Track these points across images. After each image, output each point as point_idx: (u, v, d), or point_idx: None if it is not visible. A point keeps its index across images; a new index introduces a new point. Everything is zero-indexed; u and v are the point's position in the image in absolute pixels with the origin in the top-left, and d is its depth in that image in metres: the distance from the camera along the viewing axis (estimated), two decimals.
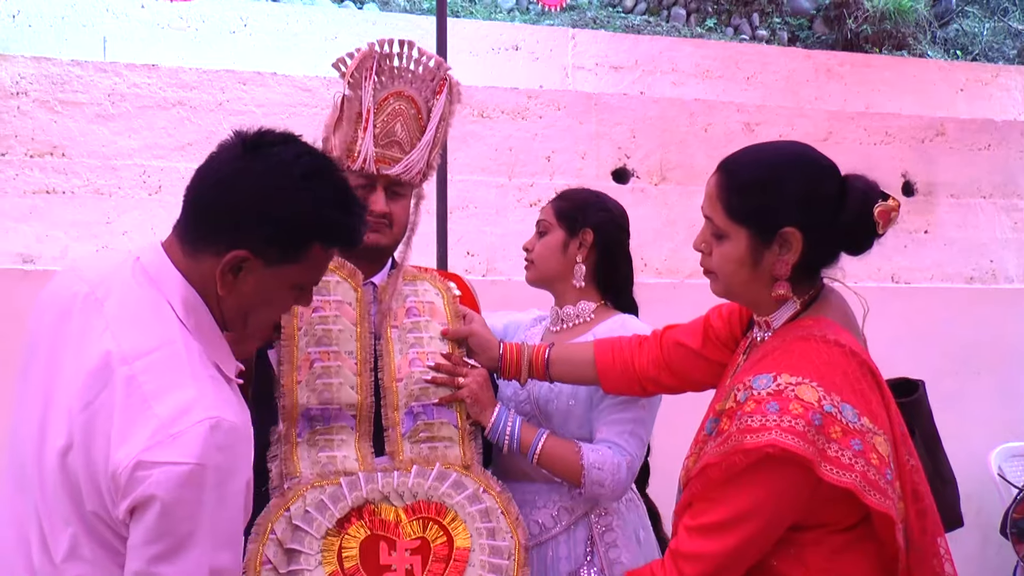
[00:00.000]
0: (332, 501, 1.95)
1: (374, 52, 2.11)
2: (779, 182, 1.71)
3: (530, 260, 2.45)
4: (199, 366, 1.48)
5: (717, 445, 1.67)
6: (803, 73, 6.38)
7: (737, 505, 1.65)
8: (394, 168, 2.12)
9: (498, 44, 6.04)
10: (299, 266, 1.56)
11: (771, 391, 1.63)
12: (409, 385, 2.10)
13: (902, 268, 5.21)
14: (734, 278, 1.76)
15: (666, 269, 4.80)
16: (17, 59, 4.28)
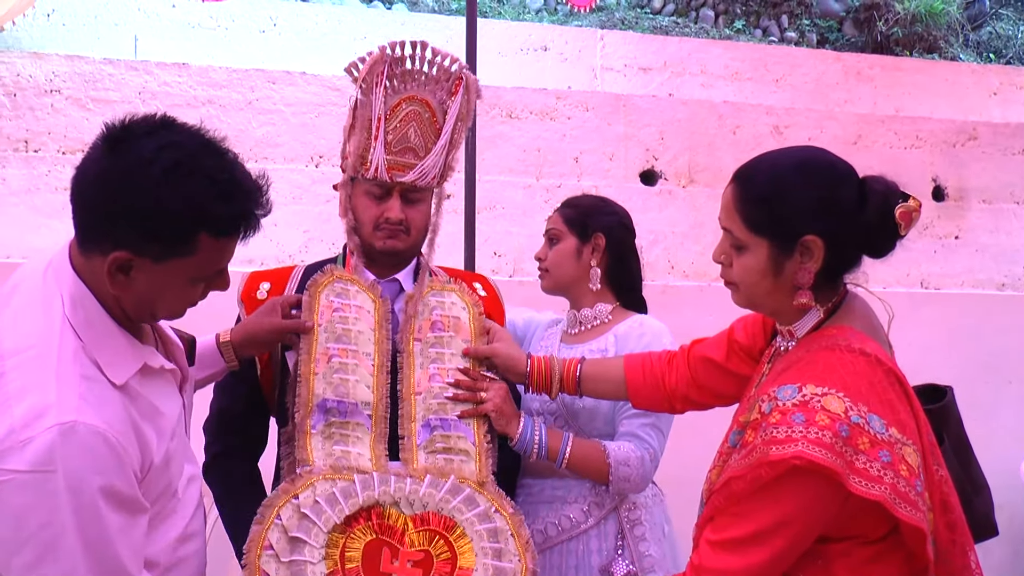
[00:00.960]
0: (343, 496, 1.90)
1: (385, 56, 2.05)
2: (796, 190, 1.68)
3: (544, 269, 2.49)
4: (70, 365, 1.44)
5: (742, 458, 1.64)
6: (832, 76, 6.34)
7: (763, 519, 1.61)
8: (408, 175, 2.09)
9: (526, 45, 6.04)
10: (192, 259, 1.52)
11: (796, 402, 1.60)
12: (428, 399, 2.08)
13: (932, 274, 5.16)
14: (756, 289, 1.73)
15: (694, 272, 4.78)
16: (51, 57, 4.32)
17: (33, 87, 4.23)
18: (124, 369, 1.53)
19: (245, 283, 2.22)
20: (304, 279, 2.20)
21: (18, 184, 4.15)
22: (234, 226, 1.55)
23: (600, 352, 2.35)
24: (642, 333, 2.35)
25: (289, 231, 4.35)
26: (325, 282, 2.12)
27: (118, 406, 1.48)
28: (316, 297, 2.10)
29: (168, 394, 1.67)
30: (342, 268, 2.17)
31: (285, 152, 4.45)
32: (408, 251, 2.19)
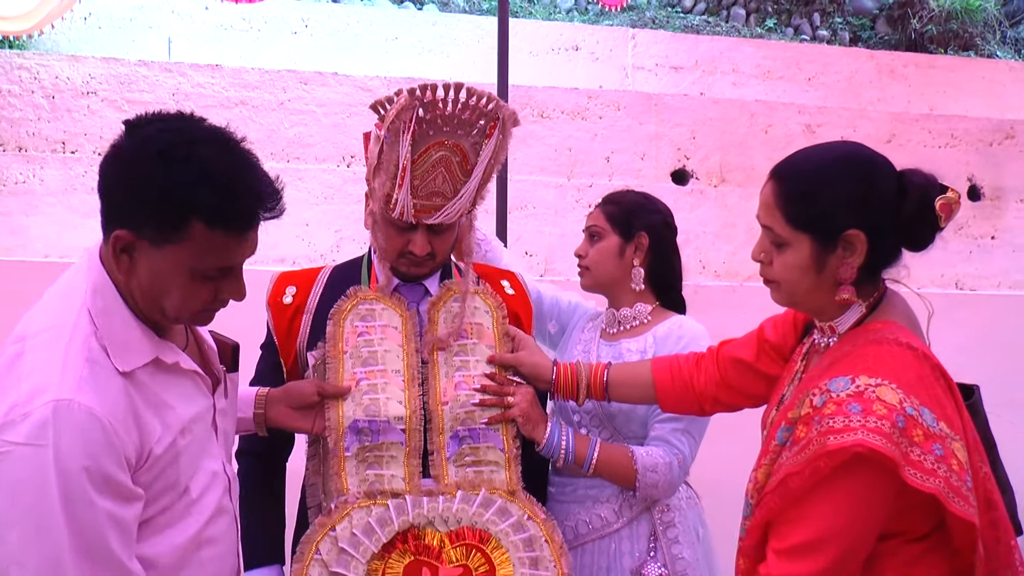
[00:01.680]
0: (379, 525, 1.92)
1: (415, 101, 1.92)
2: (837, 184, 1.67)
3: (584, 266, 2.44)
4: (78, 348, 1.50)
5: (795, 453, 1.61)
6: (865, 74, 6.28)
7: (824, 520, 1.58)
8: (435, 217, 2.02)
9: (558, 44, 6.03)
10: (186, 245, 1.52)
11: (851, 392, 1.58)
12: (455, 409, 2.06)
13: (967, 275, 5.09)
14: (798, 286, 1.72)
15: (725, 272, 4.75)
16: (88, 60, 4.37)
17: (70, 89, 4.28)
18: (132, 358, 1.56)
19: (273, 286, 2.21)
20: (331, 281, 2.19)
21: (55, 184, 4.20)
22: (228, 218, 1.54)
23: (639, 353, 2.33)
24: (681, 335, 2.32)
25: (321, 230, 4.37)
26: (348, 307, 2.11)
27: (119, 392, 1.51)
28: (340, 325, 2.09)
29: (187, 393, 1.68)
30: (366, 287, 2.15)
31: (317, 152, 4.47)
32: (432, 273, 2.18)
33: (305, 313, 2.15)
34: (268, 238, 5.01)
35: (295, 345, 2.15)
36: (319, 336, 2.11)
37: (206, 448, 1.75)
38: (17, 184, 4.20)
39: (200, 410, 1.72)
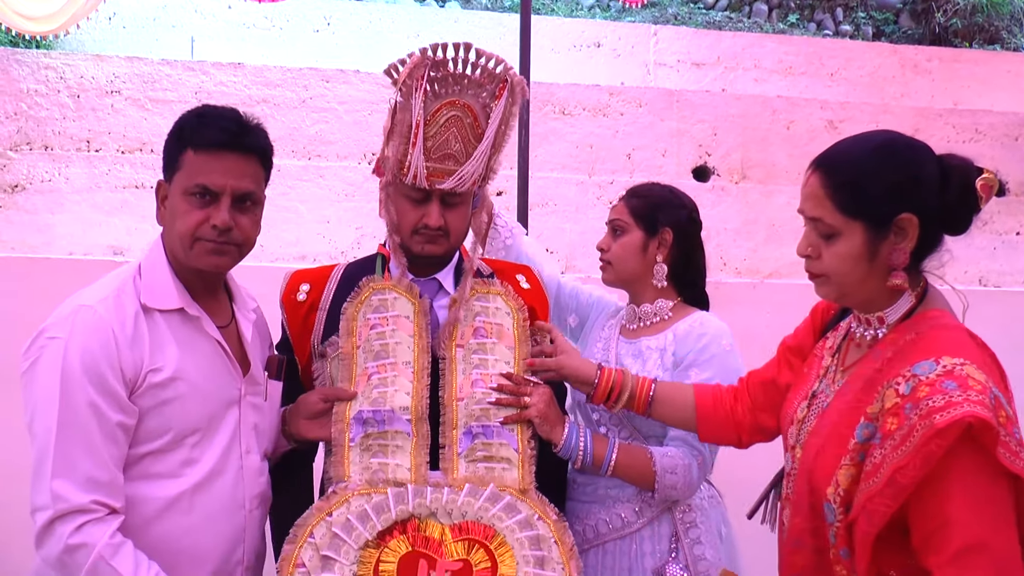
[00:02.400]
0: (376, 512, 1.89)
1: (426, 59, 1.97)
2: (885, 170, 1.67)
3: (607, 261, 2.40)
4: (117, 283, 1.89)
5: (895, 447, 1.57)
6: (888, 69, 6.23)
7: (964, 514, 1.54)
8: (447, 182, 2.02)
9: (579, 41, 6.02)
10: (182, 172, 1.88)
11: (940, 373, 1.56)
12: (470, 405, 2.05)
13: (991, 271, 5.04)
14: (850, 276, 1.70)
15: (746, 269, 4.73)
16: (112, 59, 4.41)
17: (95, 88, 4.31)
18: (158, 300, 1.89)
19: (287, 285, 2.21)
20: (344, 279, 2.19)
21: (80, 183, 4.23)
22: (200, 139, 1.87)
23: (658, 350, 2.30)
24: (702, 333, 2.28)
25: (342, 228, 4.38)
26: (361, 300, 2.10)
27: (133, 316, 1.85)
28: (353, 320, 2.09)
29: (205, 356, 1.93)
30: (380, 277, 2.14)
31: (338, 149, 4.48)
32: (446, 255, 2.15)
33: (319, 310, 2.15)
34: (289, 235, 5.06)
35: (309, 342, 2.15)
36: (333, 332, 2.11)
37: (221, 423, 1.93)
38: (43, 183, 4.23)
39: (218, 382, 1.93)
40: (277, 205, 4.32)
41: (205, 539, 1.89)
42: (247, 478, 1.96)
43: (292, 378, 2.17)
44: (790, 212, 4.88)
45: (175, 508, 1.86)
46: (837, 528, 1.66)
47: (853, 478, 1.63)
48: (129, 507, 1.82)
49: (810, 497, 1.73)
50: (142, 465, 1.84)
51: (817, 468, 1.71)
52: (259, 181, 1.96)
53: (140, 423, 1.83)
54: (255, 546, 2.01)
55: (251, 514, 1.97)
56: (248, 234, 1.94)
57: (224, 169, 1.88)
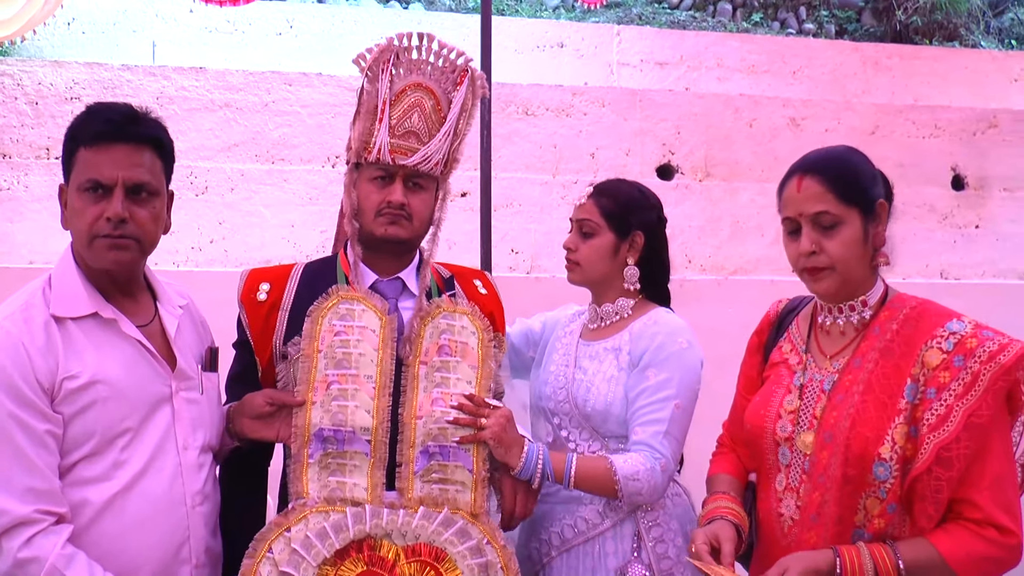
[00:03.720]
0: (334, 531, 1.94)
1: (392, 46, 2.11)
2: (863, 163, 1.97)
3: (574, 262, 2.36)
4: (25, 297, 1.90)
5: (961, 394, 1.80)
6: (850, 66, 6.30)
7: (997, 444, 1.82)
8: (411, 158, 2.09)
9: (543, 41, 6.04)
10: (75, 170, 1.91)
11: (973, 325, 1.84)
12: (428, 424, 2.07)
13: (952, 264, 5.12)
14: (853, 260, 1.92)
15: (711, 266, 4.78)
16: (71, 65, 4.38)
17: (54, 95, 4.28)
18: (68, 307, 1.89)
19: (245, 283, 2.20)
20: (304, 278, 2.19)
21: (40, 191, 4.20)
22: (88, 135, 1.89)
23: (613, 351, 2.30)
24: (655, 332, 2.27)
25: (306, 231, 4.37)
26: (328, 306, 2.11)
27: (42, 328, 1.85)
28: (318, 323, 2.09)
29: (125, 358, 1.92)
30: (346, 286, 2.15)
31: (302, 153, 4.48)
32: (410, 240, 2.17)
33: (281, 310, 2.15)
34: (253, 239, 5.05)
35: (271, 342, 2.14)
36: (296, 333, 2.11)
37: (151, 422, 1.92)
38: (1, 191, 4.20)
39: (143, 381, 1.93)
40: (241, 210, 4.31)
41: (142, 540, 1.89)
42: (186, 474, 1.96)
43: (249, 379, 2.17)
44: (754, 209, 4.96)
45: (109, 511, 1.86)
46: (891, 484, 1.84)
47: (907, 435, 1.83)
48: (72, 515, 1.83)
49: (845, 467, 1.88)
50: (74, 472, 1.85)
51: (857, 436, 1.87)
52: (155, 172, 1.94)
53: (66, 431, 1.83)
54: (204, 544, 1.99)
55: (194, 510, 1.96)
56: (146, 228, 1.92)
57: (113, 160, 1.88)
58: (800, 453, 1.96)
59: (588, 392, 2.28)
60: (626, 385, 2.26)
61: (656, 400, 2.21)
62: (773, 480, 2.03)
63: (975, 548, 1.81)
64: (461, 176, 4.51)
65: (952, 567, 1.81)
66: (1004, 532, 1.80)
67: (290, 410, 2.07)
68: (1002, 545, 1.81)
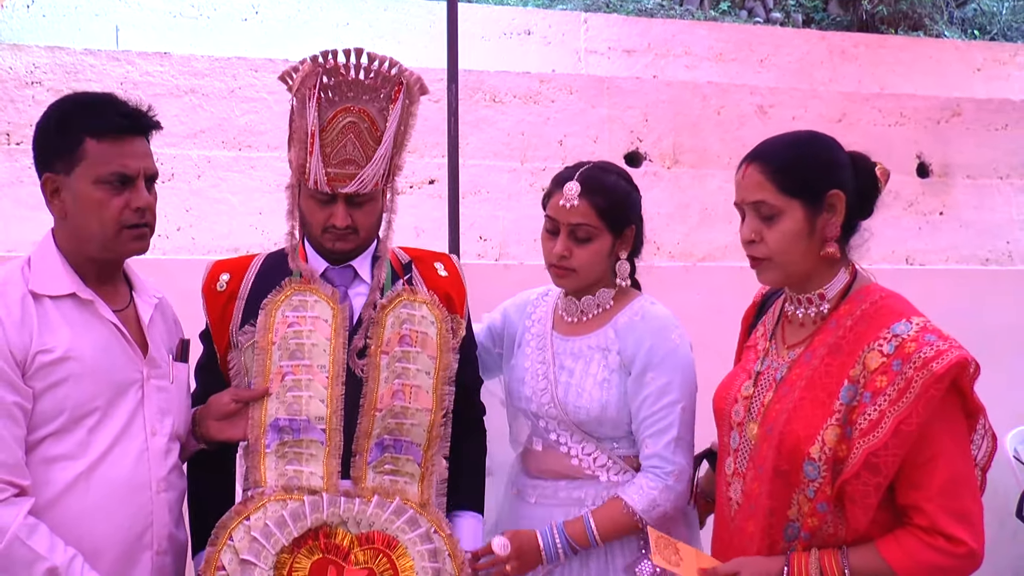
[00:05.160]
0: (292, 519, 1.99)
1: (317, 68, 2.01)
2: (812, 154, 1.92)
3: (570, 269, 2.25)
4: (2, 275, 1.94)
5: (893, 400, 1.76)
6: (817, 55, 6.34)
7: (947, 447, 1.79)
8: (349, 186, 2.04)
9: (509, 29, 6.02)
10: (85, 163, 1.92)
11: (917, 328, 1.81)
12: (386, 418, 2.10)
13: (917, 250, 5.18)
14: (793, 254, 1.89)
15: (679, 252, 4.80)
16: (31, 49, 4.31)
17: (14, 79, 4.21)
18: (47, 286, 1.93)
19: (207, 275, 2.23)
20: (263, 268, 2.21)
21: (1, 177, 4.14)
22: (111, 127, 1.92)
23: (600, 350, 2.25)
24: (644, 332, 2.22)
25: (275, 219, 4.31)
26: (281, 299, 2.13)
27: (18, 302, 1.89)
28: (272, 315, 2.11)
29: (100, 339, 1.95)
30: (299, 279, 2.15)
31: (269, 140, 4.44)
32: (358, 249, 2.18)
33: (238, 299, 2.18)
34: (221, 227, 5.01)
35: (228, 331, 2.17)
36: (249, 322, 2.14)
37: (119, 405, 1.95)
38: None
39: (115, 363, 1.96)
40: (208, 197, 4.27)
41: (104, 522, 1.91)
42: (153, 460, 1.99)
43: (212, 368, 2.17)
44: (722, 196, 4.97)
45: (72, 491, 1.88)
46: (819, 484, 1.83)
47: (839, 437, 1.80)
48: (35, 495, 1.86)
49: (777, 461, 1.87)
50: (41, 449, 1.88)
51: (791, 432, 1.86)
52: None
53: (35, 405, 1.87)
54: (167, 531, 2.02)
55: (158, 496, 1.99)
56: (154, 214, 2.01)
57: (135, 153, 1.96)
58: (748, 441, 1.97)
59: (579, 397, 2.23)
60: (622, 390, 2.21)
61: (660, 408, 2.19)
62: (724, 462, 2.05)
63: (923, 557, 1.79)
64: (429, 163, 4.49)
65: (898, 575, 1.80)
66: (952, 541, 1.77)
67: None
68: (950, 554, 1.78)
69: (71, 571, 1.83)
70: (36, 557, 1.79)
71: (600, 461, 2.25)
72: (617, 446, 2.24)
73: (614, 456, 2.25)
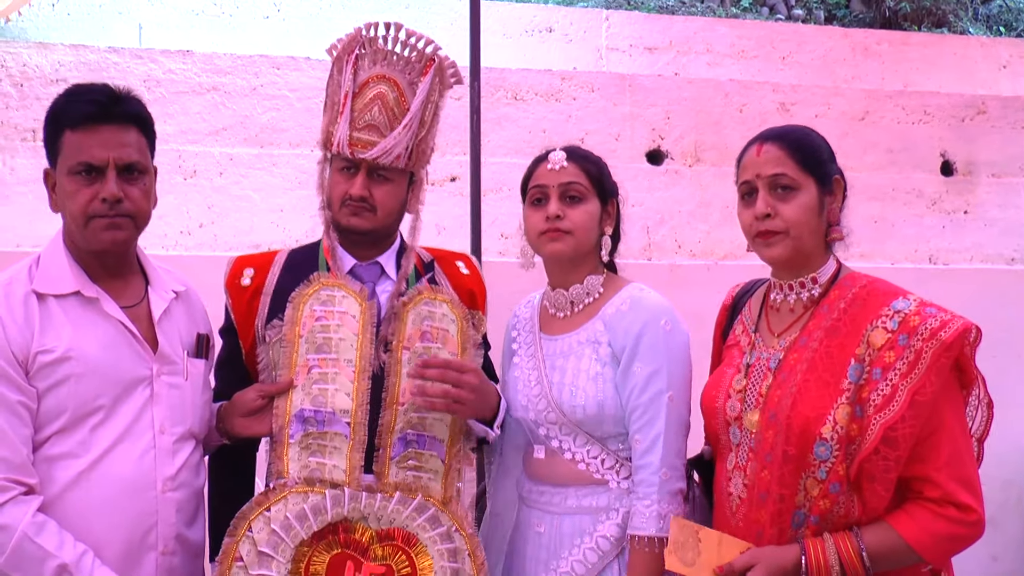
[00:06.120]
0: (313, 513, 1.98)
1: (360, 35, 2.12)
2: (819, 141, 2.01)
3: (565, 231, 2.16)
4: (10, 274, 1.95)
5: (905, 373, 1.81)
6: (840, 52, 6.31)
7: (950, 419, 1.84)
8: (370, 152, 2.08)
9: (531, 26, 6.03)
10: (63, 154, 1.91)
11: (915, 303, 1.86)
12: (409, 412, 2.10)
13: (940, 249, 5.14)
14: (806, 227, 1.94)
15: (701, 251, 4.78)
16: (56, 47, 4.34)
17: (39, 77, 4.24)
18: (51, 285, 1.92)
19: (231, 269, 2.23)
20: (288, 263, 2.21)
21: (27, 174, 4.17)
22: (74, 117, 1.90)
23: (591, 344, 2.16)
24: (632, 319, 2.12)
25: (296, 216, 4.36)
26: (309, 292, 2.13)
27: (21, 302, 1.89)
28: (300, 308, 2.12)
29: (107, 337, 1.94)
30: (327, 273, 2.16)
31: (291, 137, 4.46)
32: (375, 231, 2.17)
33: (264, 294, 2.18)
34: (243, 224, 5.01)
35: (253, 326, 2.18)
36: (276, 316, 2.14)
37: (125, 403, 1.93)
38: None
39: (122, 361, 1.94)
40: (230, 194, 4.29)
41: (106, 521, 1.89)
42: (159, 458, 1.96)
43: (235, 364, 2.18)
44: None
45: (74, 489, 1.88)
46: (831, 464, 1.84)
47: (851, 416, 1.83)
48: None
49: (786, 446, 1.88)
50: (45, 447, 1.87)
51: (798, 415, 1.87)
52: (142, 150, 1.98)
53: (39, 405, 1.86)
54: (174, 531, 1.98)
55: (164, 496, 1.96)
56: (140, 205, 1.96)
57: (102, 142, 1.91)
58: (747, 432, 1.97)
59: (574, 396, 2.15)
60: (615, 382, 2.14)
61: (647, 399, 2.10)
62: (725, 460, 2.04)
63: (937, 528, 1.82)
64: (451, 161, 4.50)
65: (915, 549, 1.83)
66: (964, 509, 1.81)
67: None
68: (963, 522, 1.82)
69: (81, 567, 1.83)
70: (46, 555, 1.79)
71: (608, 464, 2.15)
72: (623, 447, 2.15)
73: (620, 458, 2.16)
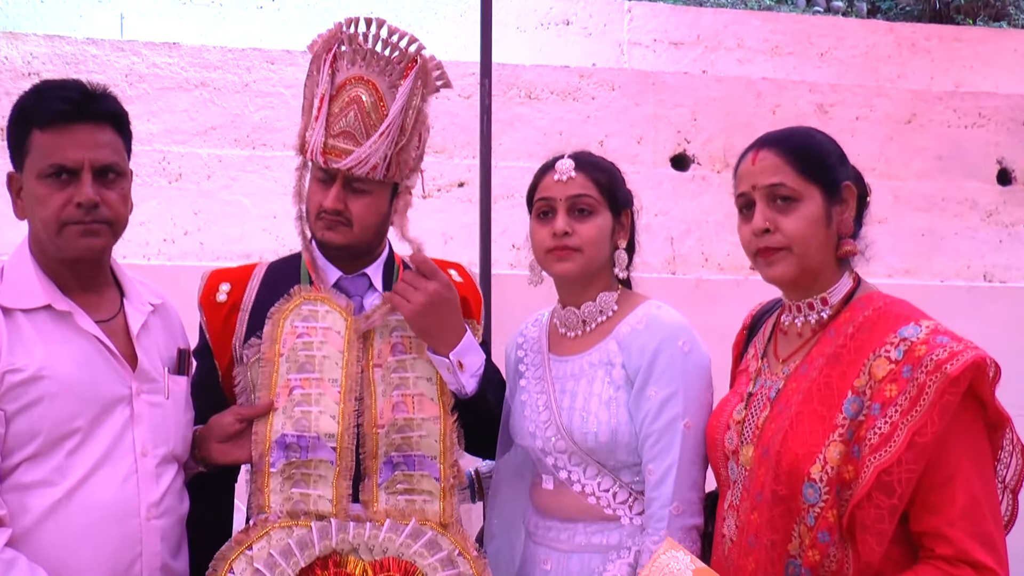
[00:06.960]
0: (299, 548, 1.98)
1: (340, 32, 2.09)
2: (826, 141, 1.95)
3: (573, 248, 2.17)
4: None
5: (906, 410, 1.71)
6: (884, 48, 6.31)
7: (965, 465, 1.73)
8: (343, 161, 2.06)
9: (547, 19, 6.05)
10: (31, 156, 1.90)
11: (927, 330, 1.76)
12: (391, 433, 2.10)
13: (996, 265, 5.13)
14: (812, 242, 1.88)
15: (730, 265, 4.78)
16: (29, 38, 4.38)
17: (10, 70, 4.28)
18: (19, 299, 1.91)
19: (205, 284, 2.23)
20: (267, 277, 2.22)
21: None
22: (44, 116, 1.89)
23: (604, 366, 2.17)
24: (648, 338, 2.14)
25: (289, 222, 4.35)
26: (290, 307, 2.14)
27: None
28: (280, 325, 2.12)
29: (81, 353, 1.93)
30: (310, 287, 2.17)
31: (285, 138, 4.48)
32: (351, 247, 2.16)
33: (241, 311, 2.18)
34: (232, 231, 5.04)
35: (230, 345, 2.18)
36: (255, 334, 2.14)
37: (103, 424, 1.93)
38: None
39: (98, 379, 1.93)
40: (219, 199, 4.31)
41: (86, 552, 1.89)
42: (142, 483, 1.97)
43: (210, 387, 2.18)
44: None
45: (50, 520, 1.87)
46: (820, 509, 1.77)
47: (844, 455, 1.76)
48: (12, 524, 1.84)
49: (775, 484, 1.83)
50: (15, 475, 1.86)
51: (788, 451, 1.82)
52: (119, 151, 1.98)
53: (8, 428, 1.84)
54: (159, 561, 1.99)
55: (148, 523, 1.97)
56: (117, 210, 1.96)
57: (76, 142, 1.89)
58: (743, 468, 1.93)
59: (585, 422, 2.15)
60: (628, 407, 2.14)
61: (661, 426, 2.11)
62: (724, 497, 2.01)
63: None
64: (458, 164, 4.52)
65: None
66: (980, 569, 1.69)
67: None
68: None
69: None
70: None
71: (620, 498, 2.16)
72: (636, 479, 2.16)
73: (634, 492, 2.17)
